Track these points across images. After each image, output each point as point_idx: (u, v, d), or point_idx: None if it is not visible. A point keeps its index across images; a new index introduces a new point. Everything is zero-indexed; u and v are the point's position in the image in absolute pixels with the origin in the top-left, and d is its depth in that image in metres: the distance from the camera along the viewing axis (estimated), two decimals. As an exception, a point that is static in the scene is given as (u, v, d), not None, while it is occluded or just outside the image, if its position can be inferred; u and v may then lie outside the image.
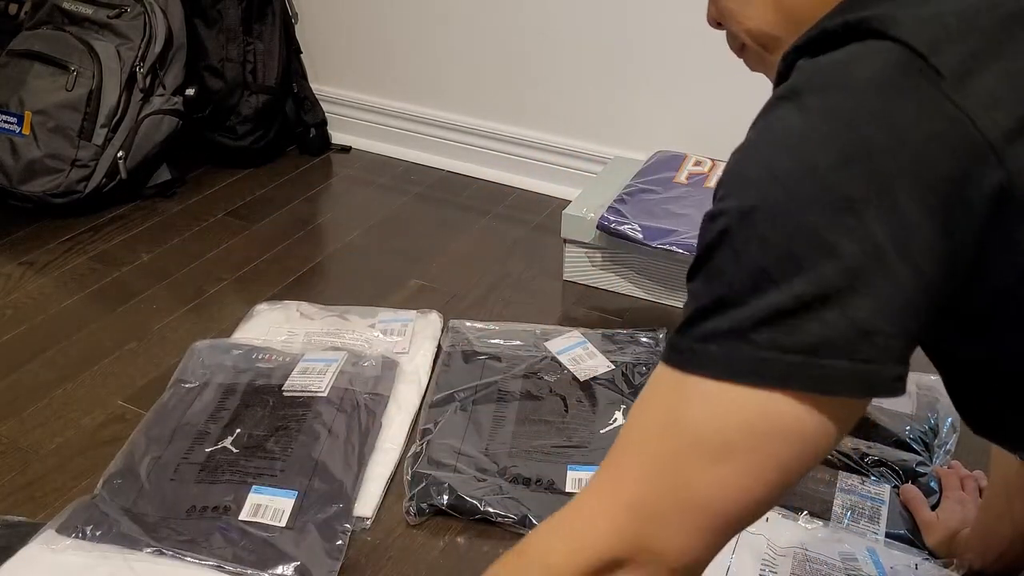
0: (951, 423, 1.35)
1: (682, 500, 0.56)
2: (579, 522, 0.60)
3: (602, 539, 0.58)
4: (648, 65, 1.84)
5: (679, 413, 0.56)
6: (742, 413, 0.54)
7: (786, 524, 1.12)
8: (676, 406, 0.56)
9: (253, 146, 2.09)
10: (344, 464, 1.25)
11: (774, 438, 0.54)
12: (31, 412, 1.39)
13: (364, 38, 2.14)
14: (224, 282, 1.71)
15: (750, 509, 0.57)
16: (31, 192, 1.86)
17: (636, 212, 1.60)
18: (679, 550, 0.57)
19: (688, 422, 0.55)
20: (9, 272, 1.73)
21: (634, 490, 0.57)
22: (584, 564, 0.58)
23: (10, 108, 1.86)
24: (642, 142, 1.86)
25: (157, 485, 1.21)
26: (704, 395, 0.54)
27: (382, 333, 1.51)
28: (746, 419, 0.54)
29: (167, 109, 1.95)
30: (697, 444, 0.55)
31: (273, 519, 1.16)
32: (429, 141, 2.12)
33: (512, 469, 1.25)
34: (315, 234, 1.89)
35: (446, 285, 1.69)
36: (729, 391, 0.54)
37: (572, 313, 1.64)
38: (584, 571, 0.58)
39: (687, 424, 0.56)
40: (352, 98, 2.20)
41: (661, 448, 0.57)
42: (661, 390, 0.57)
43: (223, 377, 1.40)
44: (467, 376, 1.43)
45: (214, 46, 2.02)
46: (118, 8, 1.90)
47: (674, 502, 0.56)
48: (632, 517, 0.57)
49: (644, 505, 0.57)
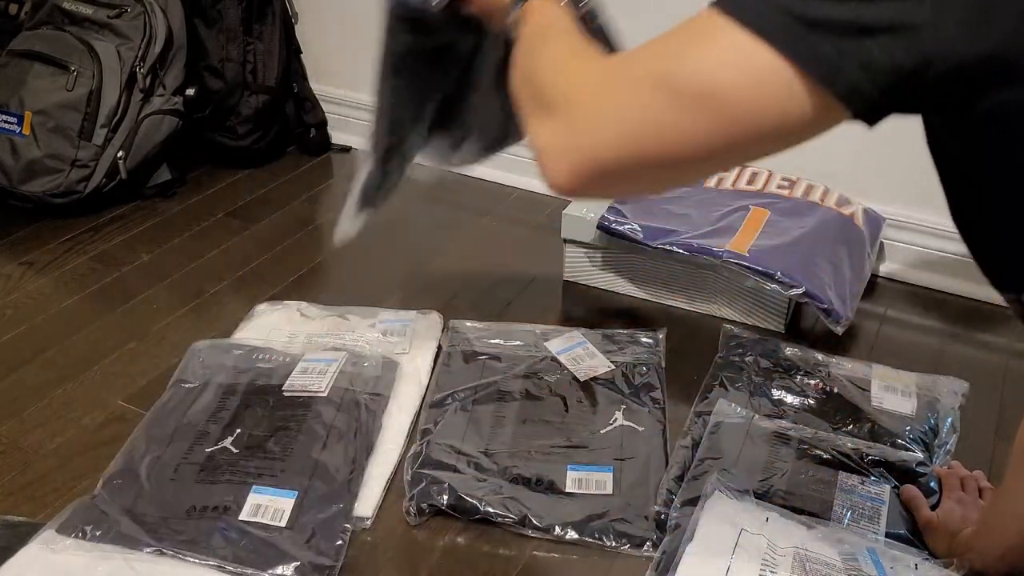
0: (951, 423, 1.35)
1: (629, 104, 0.68)
2: (586, 58, 0.79)
3: (578, 80, 0.74)
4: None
5: (692, 32, 0.68)
6: (730, 52, 0.64)
7: (786, 524, 1.12)
8: (696, 27, 0.68)
9: (253, 146, 2.09)
10: (344, 464, 1.25)
11: (742, 86, 0.63)
12: (31, 412, 1.39)
13: (364, 38, 2.13)
14: (224, 282, 1.71)
15: (680, 146, 0.66)
16: (31, 192, 1.86)
17: (636, 212, 1.60)
18: (592, 140, 0.68)
19: (694, 53, 0.67)
20: (9, 272, 1.73)
21: (624, 63, 0.73)
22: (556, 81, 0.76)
23: (10, 108, 1.86)
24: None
25: (157, 485, 1.21)
26: (715, 31, 0.65)
27: (382, 334, 1.51)
28: (731, 58, 0.64)
29: (167, 109, 1.95)
30: (686, 63, 0.67)
31: (273, 519, 1.16)
32: (429, 141, 2.12)
33: (512, 469, 1.25)
34: (315, 234, 1.89)
35: (446, 285, 1.69)
36: (732, 34, 0.64)
37: (572, 313, 1.64)
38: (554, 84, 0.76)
39: (693, 54, 0.67)
40: (352, 98, 2.20)
41: (660, 51, 0.70)
42: (697, 16, 0.68)
43: (223, 377, 1.40)
44: (467, 376, 1.43)
45: (214, 46, 2.02)
46: (118, 8, 1.90)
47: (630, 92, 0.68)
48: (598, 83, 0.71)
49: (608, 85, 0.71)
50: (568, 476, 1.24)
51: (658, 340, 1.50)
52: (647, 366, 1.44)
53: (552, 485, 1.23)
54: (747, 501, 1.15)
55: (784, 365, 1.44)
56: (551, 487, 1.23)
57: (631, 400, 1.37)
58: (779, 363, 1.44)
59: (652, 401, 1.37)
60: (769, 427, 1.30)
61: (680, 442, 1.30)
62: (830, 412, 1.34)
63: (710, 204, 1.63)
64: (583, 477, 1.24)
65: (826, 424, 1.32)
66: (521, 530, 1.18)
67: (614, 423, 1.34)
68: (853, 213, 1.63)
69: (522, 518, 1.18)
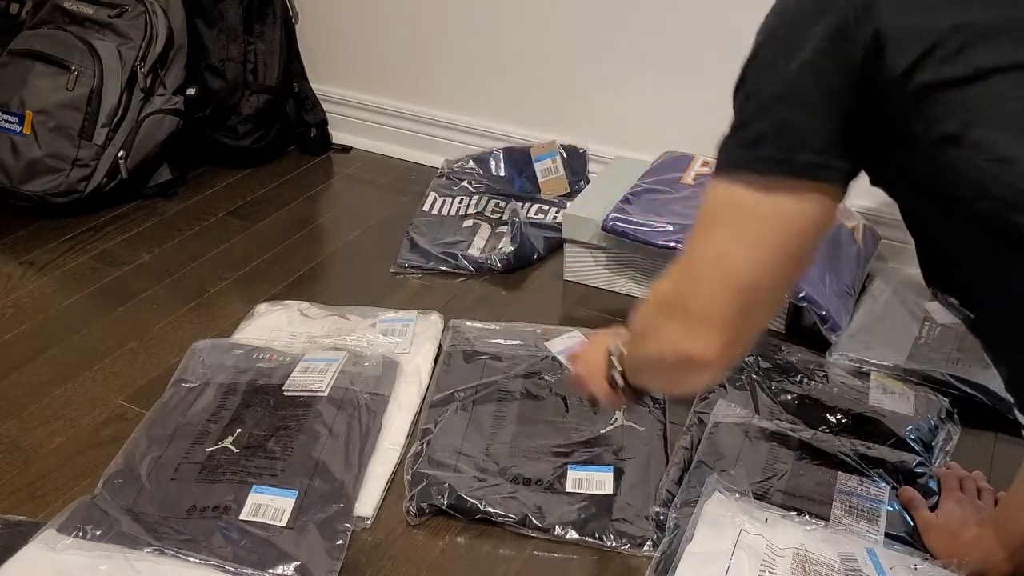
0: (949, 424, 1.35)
1: (702, 264, 0.83)
2: (662, 279, 0.88)
3: (663, 286, 0.87)
4: (650, 66, 1.84)
5: (709, 204, 0.83)
6: (722, 196, 0.81)
7: (786, 525, 1.12)
8: (707, 199, 0.83)
9: (254, 146, 2.09)
10: (344, 464, 1.25)
11: (742, 214, 0.79)
12: (32, 411, 1.39)
13: (364, 38, 2.14)
14: (225, 282, 1.71)
15: (756, 281, 0.80)
16: (32, 192, 1.86)
17: (641, 212, 1.60)
18: (701, 301, 0.82)
19: (711, 210, 0.83)
20: (10, 272, 1.73)
21: (682, 259, 0.85)
22: (655, 300, 0.89)
23: (11, 108, 1.86)
24: (642, 142, 1.86)
25: (158, 484, 1.21)
26: (715, 189, 0.82)
27: (383, 334, 1.51)
28: (724, 201, 0.81)
29: (168, 109, 1.95)
30: (718, 227, 0.82)
31: (273, 519, 1.16)
32: (429, 141, 2.12)
33: (512, 469, 1.25)
34: (316, 234, 1.89)
35: (446, 285, 1.69)
36: (716, 182, 0.81)
37: (573, 313, 1.64)
38: (656, 303, 0.89)
39: (702, 211, 0.83)
40: (353, 98, 2.20)
41: (693, 232, 0.84)
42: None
43: (224, 377, 1.40)
44: (467, 376, 1.43)
45: (215, 46, 2.02)
46: (119, 8, 1.90)
47: (697, 265, 0.84)
48: (677, 275, 0.85)
49: (684, 268, 0.85)
50: (568, 476, 1.24)
51: (658, 340, 1.50)
52: (647, 366, 1.44)
53: (552, 485, 1.23)
54: (747, 501, 1.15)
55: (784, 366, 1.44)
56: (551, 487, 1.23)
57: (631, 400, 1.37)
58: (779, 363, 1.44)
59: (652, 401, 1.37)
60: (769, 427, 1.30)
61: (680, 442, 1.30)
62: (829, 413, 1.34)
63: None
64: (583, 477, 1.24)
65: (825, 425, 1.32)
66: (521, 530, 1.18)
67: (614, 423, 1.34)
68: (855, 227, 1.63)
69: (522, 518, 1.18)
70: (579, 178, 1.95)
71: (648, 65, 1.84)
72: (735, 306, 0.81)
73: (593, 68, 1.90)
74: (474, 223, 1.85)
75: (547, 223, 1.83)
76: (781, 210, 0.78)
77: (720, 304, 0.81)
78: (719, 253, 0.81)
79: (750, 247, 0.79)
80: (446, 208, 1.90)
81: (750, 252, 0.79)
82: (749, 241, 0.79)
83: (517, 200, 1.90)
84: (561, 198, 1.90)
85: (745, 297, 0.81)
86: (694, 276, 0.83)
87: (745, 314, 0.82)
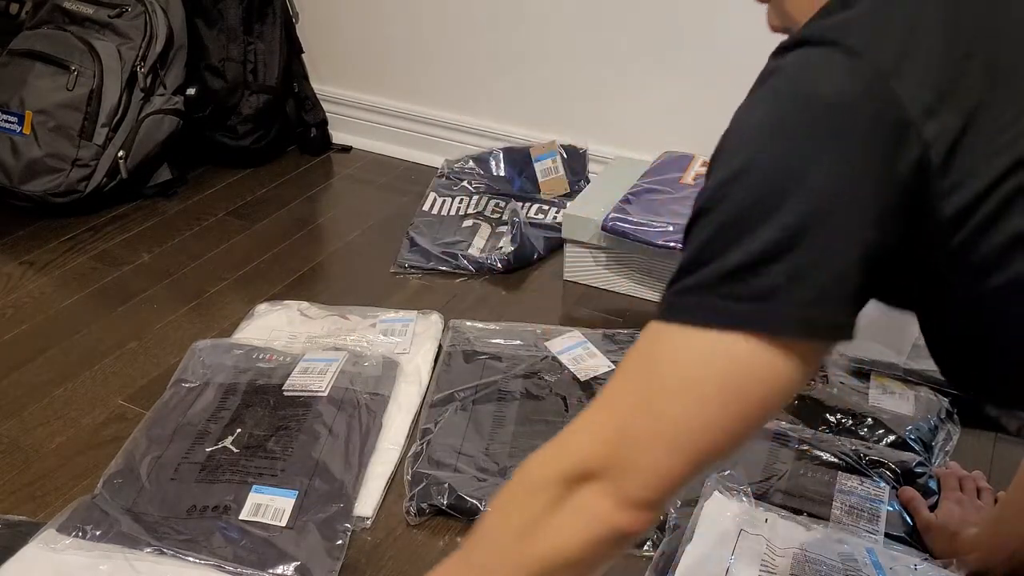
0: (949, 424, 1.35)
1: (656, 428, 0.65)
2: (570, 438, 0.69)
3: (583, 450, 0.67)
4: (650, 66, 1.84)
5: (660, 355, 0.65)
6: (708, 354, 0.63)
7: (785, 524, 1.12)
8: (657, 350, 0.66)
9: (254, 146, 2.09)
10: (344, 464, 1.25)
11: (736, 377, 0.63)
12: (32, 411, 1.39)
13: (364, 38, 2.14)
14: (225, 282, 1.71)
15: (714, 447, 0.65)
16: (32, 192, 1.86)
17: (641, 212, 1.60)
18: (645, 470, 0.65)
19: (667, 362, 0.65)
20: (10, 272, 1.73)
21: (618, 414, 0.66)
22: (561, 469, 0.67)
23: (11, 108, 1.86)
24: (642, 142, 1.86)
25: (157, 484, 1.21)
26: (677, 340, 0.64)
27: (383, 334, 1.51)
28: (711, 359, 0.63)
29: (168, 109, 1.95)
30: (673, 382, 0.64)
31: (273, 519, 1.16)
32: (429, 141, 2.12)
33: (513, 469, 1.25)
34: (316, 234, 1.89)
35: (446, 285, 1.69)
36: (697, 335, 0.63)
37: (573, 313, 1.64)
38: (560, 475, 0.66)
39: (667, 364, 0.65)
40: (353, 98, 2.20)
41: (644, 384, 0.66)
42: (647, 336, 0.66)
43: (224, 377, 1.40)
44: (467, 376, 1.43)
45: (215, 46, 2.02)
46: (119, 8, 1.90)
47: (649, 429, 0.65)
48: (614, 435, 0.66)
49: (625, 427, 0.65)
50: (568, 476, 1.24)
51: (658, 340, 1.50)
52: (647, 366, 1.44)
53: (552, 485, 1.23)
54: (747, 501, 1.15)
55: (784, 365, 1.44)
56: (551, 487, 1.23)
57: (631, 400, 1.37)
58: (779, 363, 1.44)
59: (652, 401, 1.37)
60: (769, 427, 1.30)
61: (680, 442, 1.29)
62: (829, 413, 1.34)
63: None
64: (583, 477, 1.24)
65: (825, 425, 1.32)
66: (521, 530, 1.18)
67: (614, 423, 1.34)
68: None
69: (522, 518, 1.18)
70: (579, 178, 1.95)
71: (648, 65, 1.84)
72: (688, 473, 0.66)
73: (593, 68, 1.90)
74: (474, 223, 1.85)
75: (547, 223, 1.83)
76: (780, 372, 0.63)
77: (672, 472, 0.65)
78: (681, 416, 0.64)
79: (726, 411, 0.64)
80: (446, 208, 1.90)
81: (724, 416, 0.64)
82: (725, 404, 0.63)
83: (517, 200, 1.90)
84: (561, 198, 1.90)
85: (702, 463, 0.66)
86: (638, 440, 0.65)
87: (694, 476, 0.67)
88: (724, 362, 0.62)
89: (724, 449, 0.66)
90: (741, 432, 0.65)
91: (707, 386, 0.63)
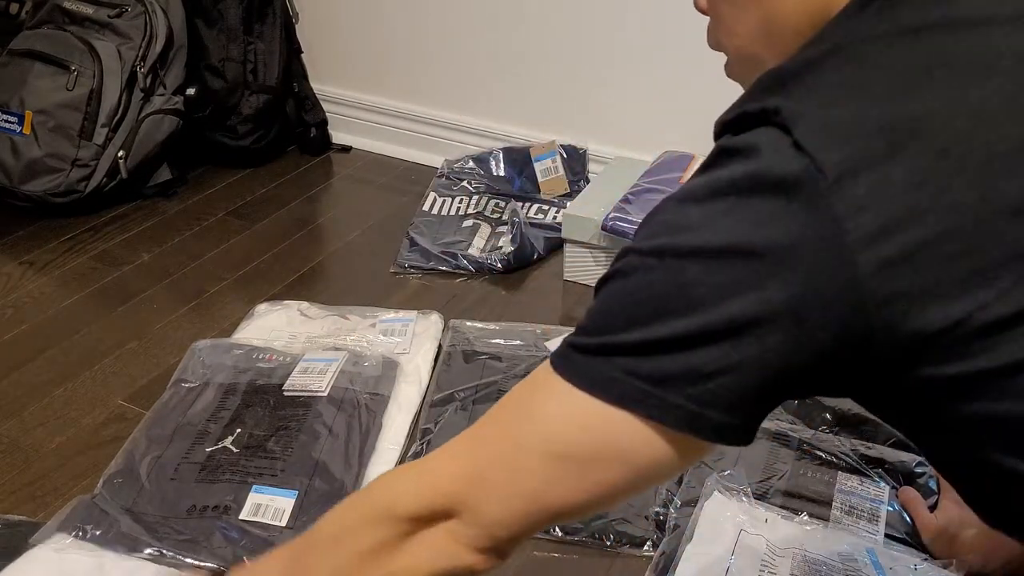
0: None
1: (514, 481, 0.63)
2: (427, 470, 0.67)
3: (440, 487, 0.65)
4: (650, 66, 1.84)
5: (539, 405, 0.63)
6: (587, 420, 0.60)
7: (785, 524, 1.12)
8: (538, 398, 0.63)
9: (253, 146, 2.09)
10: (344, 464, 1.25)
11: (609, 451, 0.61)
12: (32, 411, 1.39)
13: (364, 38, 2.14)
14: (224, 282, 1.71)
15: (570, 509, 0.64)
16: (32, 192, 1.86)
17: (641, 212, 1.60)
18: (497, 520, 0.64)
19: (542, 415, 0.63)
20: (9, 272, 1.73)
21: (481, 456, 0.65)
22: (418, 505, 0.65)
23: (11, 108, 1.86)
24: (642, 142, 1.86)
25: (157, 485, 1.21)
26: (560, 396, 0.61)
27: (383, 334, 1.51)
28: (588, 426, 0.60)
29: (168, 109, 1.95)
30: (543, 437, 0.62)
31: (273, 519, 1.16)
32: (429, 141, 2.12)
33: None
34: (315, 234, 1.89)
35: (446, 285, 1.69)
36: (581, 398, 0.60)
37: (573, 313, 1.64)
38: (416, 510, 0.65)
39: (541, 416, 0.63)
40: (352, 98, 2.20)
41: (514, 430, 0.64)
42: (535, 380, 0.64)
43: (223, 377, 1.40)
44: (467, 376, 1.43)
45: (215, 46, 2.02)
46: (119, 8, 1.90)
47: (507, 480, 0.63)
48: (470, 478, 0.64)
49: (483, 472, 0.64)
50: (568, 476, 1.24)
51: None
52: (647, 366, 1.44)
53: (552, 485, 1.23)
54: (747, 501, 1.15)
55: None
56: (551, 487, 1.23)
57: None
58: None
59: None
60: (769, 427, 1.30)
61: (680, 442, 1.30)
62: (829, 413, 1.34)
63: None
64: (583, 477, 1.24)
65: (825, 425, 1.32)
66: (521, 530, 1.18)
67: (614, 423, 1.34)
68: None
69: (522, 518, 1.18)
70: (579, 178, 1.95)
71: (648, 65, 1.84)
72: (540, 528, 0.65)
73: (593, 68, 1.90)
74: (474, 223, 1.85)
75: (547, 223, 1.83)
76: (655, 456, 0.60)
77: (522, 528, 0.64)
78: (543, 477, 0.62)
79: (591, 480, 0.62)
80: (446, 208, 1.90)
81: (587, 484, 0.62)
82: (592, 473, 0.61)
83: (517, 200, 1.90)
84: (561, 198, 1.90)
85: (557, 521, 0.66)
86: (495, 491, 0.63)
87: (539, 526, 0.65)
88: (601, 433, 0.60)
89: (582, 512, 0.65)
90: (601, 500, 0.63)
91: (578, 452, 0.61)
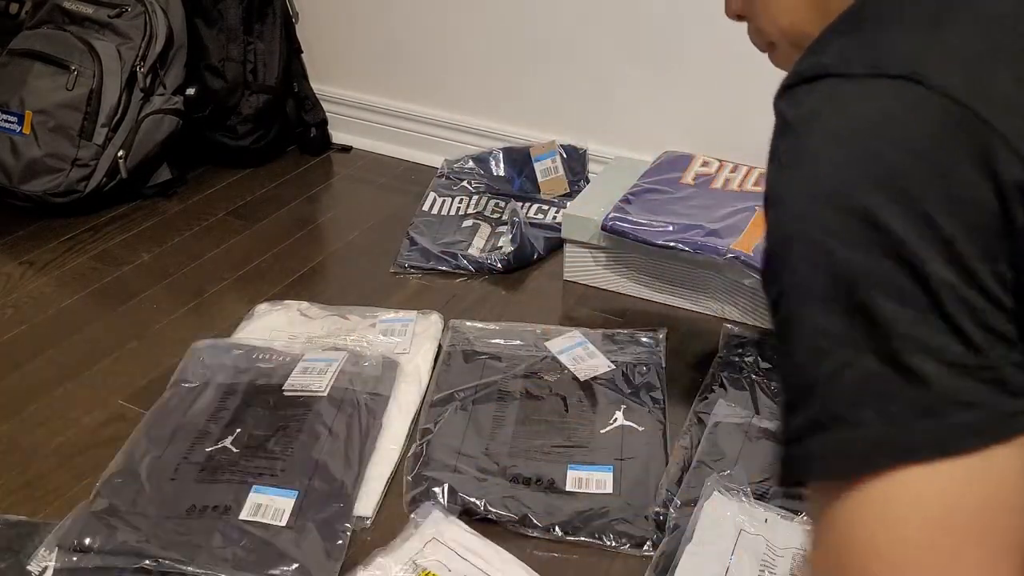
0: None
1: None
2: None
3: None
4: (650, 66, 1.84)
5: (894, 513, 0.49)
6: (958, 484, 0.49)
7: (785, 524, 1.12)
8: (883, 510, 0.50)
9: (253, 146, 2.09)
10: (344, 464, 1.25)
11: (990, 504, 0.49)
12: (32, 411, 1.39)
13: (365, 38, 2.14)
14: (224, 282, 1.71)
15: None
16: (32, 191, 1.86)
17: (641, 212, 1.60)
18: None
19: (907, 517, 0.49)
20: (9, 272, 1.73)
21: None
22: None
23: (11, 107, 1.86)
24: (642, 142, 1.86)
25: (157, 485, 1.21)
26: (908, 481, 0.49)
27: (383, 334, 1.51)
28: (963, 489, 0.49)
29: (168, 108, 1.95)
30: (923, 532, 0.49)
31: (273, 519, 1.16)
32: (429, 141, 2.12)
33: (512, 469, 1.25)
34: (315, 234, 1.89)
35: (446, 285, 1.69)
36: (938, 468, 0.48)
37: (573, 313, 1.64)
38: None
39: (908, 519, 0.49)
40: (353, 98, 2.20)
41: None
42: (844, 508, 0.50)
43: (223, 377, 1.40)
44: (467, 376, 1.43)
45: (215, 46, 2.02)
46: (119, 8, 1.90)
47: None
48: None
49: None
50: (568, 476, 1.24)
51: (658, 340, 1.50)
52: (647, 366, 1.44)
53: (552, 485, 1.23)
54: (747, 501, 1.15)
55: (784, 365, 1.44)
56: (551, 487, 1.23)
57: (631, 400, 1.37)
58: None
59: (652, 401, 1.37)
60: (769, 427, 1.30)
61: (680, 442, 1.30)
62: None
63: (716, 204, 1.63)
64: (583, 477, 1.24)
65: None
66: (521, 529, 1.18)
67: (614, 423, 1.34)
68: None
69: (522, 517, 1.18)
70: (579, 178, 1.95)
71: (648, 65, 1.84)
72: None
73: (593, 68, 1.90)
74: (474, 223, 1.85)
75: (547, 223, 1.83)
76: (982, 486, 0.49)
77: None
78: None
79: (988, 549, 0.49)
80: (446, 208, 1.90)
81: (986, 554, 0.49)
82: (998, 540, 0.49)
83: (517, 200, 1.90)
84: (561, 198, 1.90)
85: None
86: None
87: None
88: (980, 487, 0.48)
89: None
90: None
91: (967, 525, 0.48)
